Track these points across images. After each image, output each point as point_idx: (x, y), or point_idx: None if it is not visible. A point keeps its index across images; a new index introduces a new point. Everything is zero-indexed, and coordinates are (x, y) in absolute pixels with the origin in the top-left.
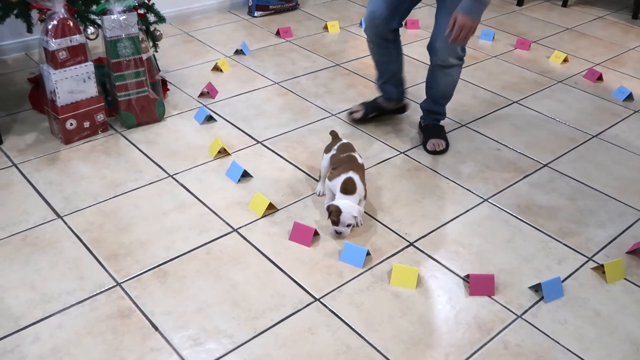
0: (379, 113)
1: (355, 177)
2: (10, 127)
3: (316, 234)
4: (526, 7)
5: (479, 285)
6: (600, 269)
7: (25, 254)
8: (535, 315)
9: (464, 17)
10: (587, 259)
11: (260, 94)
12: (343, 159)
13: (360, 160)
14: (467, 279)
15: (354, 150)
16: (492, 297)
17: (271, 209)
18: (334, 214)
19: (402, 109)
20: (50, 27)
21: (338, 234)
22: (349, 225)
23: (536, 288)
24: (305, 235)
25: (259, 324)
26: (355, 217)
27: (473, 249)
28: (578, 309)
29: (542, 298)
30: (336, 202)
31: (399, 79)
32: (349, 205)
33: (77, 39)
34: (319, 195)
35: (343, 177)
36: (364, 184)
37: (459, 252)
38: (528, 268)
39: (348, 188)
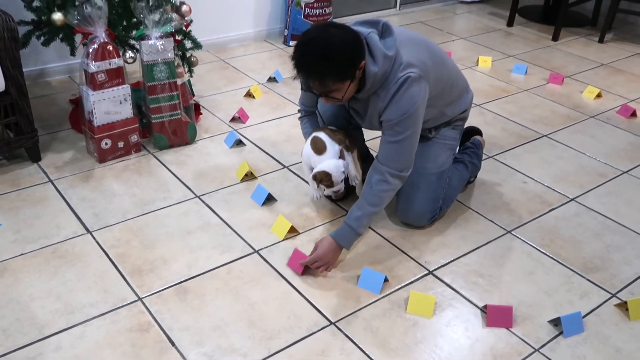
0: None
1: (321, 134)
2: (49, 145)
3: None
4: (562, 42)
5: (497, 316)
6: (623, 305)
7: (54, 266)
8: (554, 350)
9: (331, 243)
10: (610, 295)
11: (290, 120)
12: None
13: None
14: (484, 309)
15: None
16: (510, 329)
17: (293, 232)
18: (325, 180)
19: None
20: (91, 50)
21: (335, 192)
22: (342, 180)
23: (556, 322)
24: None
25: (273, 344)
26: (344, 172)
27: (493, 280)
28: (598, 345)
29: (561, 332)
30: (320, 167)
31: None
32: (333, 165)
33: (116, 62)
34: (315, 199)
35: (309, 139)
36: (343, 138)
37: (479, 282)
38: (549, 302)
39: (318, 147)
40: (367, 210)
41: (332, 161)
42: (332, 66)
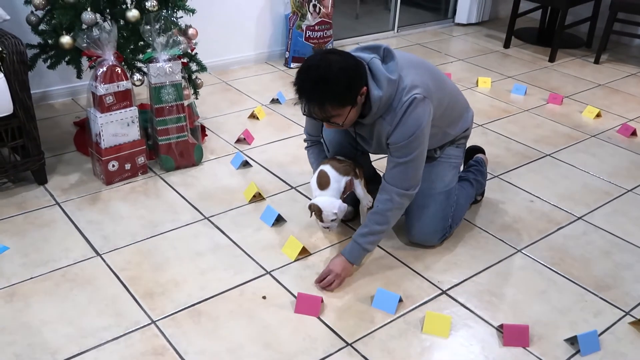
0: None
1: (327, 168)
2: (55, 168)
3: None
4: (558, 63)
5: (513, 335)
6: (637, 323)
7: (65, 289)
8: None
9: (342, 260)
10: (624, 314)
11: (296, 141)
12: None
13: (342, 158)
14: (500, 329)
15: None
16: (527, 348)
17: (304, 253)
18: (316, 213)
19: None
20: (99, 73)
21: (326, 228)
22: (333, 220)
23: (572, 341)
24: (312, 306)
25: None
26: (335, 214)
27: (506, 299)
28: None
29: (578, 351)
30: (315, 201)
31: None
32: (328, 203)
33: (124, 84)
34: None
35: (318, 170)
36: (350, 168)
37: (492, 301)
38: (563, 320)
39: (321, 182)
40: (374, 228)
41: (327, 199)
42: (331, 91)
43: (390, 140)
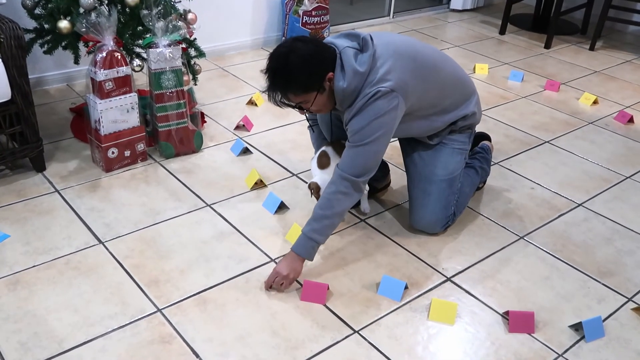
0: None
1: (329, 150)
2: (53, 155)
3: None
4: (554, 50)
5: (519, 322)
6: None
7: (69, 277)
8: (577, 355)
9: (290, 261)
10: (627, 300)
11: (295, 127)
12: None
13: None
14: (506, 315)
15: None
16: (532, 334)
17: None
18: (315, 191)
19: (387, 186)
20: (98, 58)
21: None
22: None
23: (576, 327)
24: (318, 293)
25: (299, 354)
26: None
27: (511, 285)
28: (620, 350)
29: (583, 337)
30: (315, 179)
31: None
32: (326, 181)
33: (124, 70)
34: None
35: (319, 152)
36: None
37: (497, 288)
38: (567, 307)
39: (323, 161)
40: (316, 213)
41: (326, 177)
42: (290, 80)
43: (347, 127)
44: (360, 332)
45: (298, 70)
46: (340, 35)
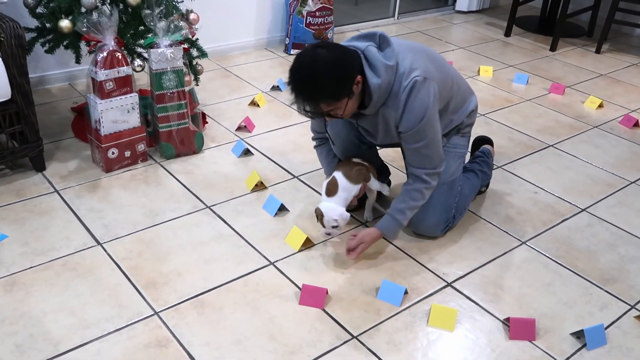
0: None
1: (339, 176)
2: (53, 154)
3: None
4: (559, 53)
5: (520, 329)
6: None
7: (66, 279)
8: None
9: (376, 232)
10: (630, 307)
11: (297, 129)
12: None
13: (358, 160)
14: (507, 322)
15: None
16: (533, 342)
17: (308, 243)
18: (319, 217)
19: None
20: (99, 58)
21: (327, 235)
22: (334, 227)
23: (578, 335)
24: (317, 298)
25: (296, 359)
26: (336, 220)
27: (512, 291)
28: (622, 358)
29: (584, 345)
30: (320, 205)
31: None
32: (330, 209)
33: (125, 70)
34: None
35: (329, 178)
36: (364, 179)
37: (498, 294)
38: (569, 314)
39: (330, 189)
40: (410, 204)
41: (331, 205)
42: (320, 90)
43: (401, 129)
44: (358, 337)
45: (328, 79)
46: (355, 38)
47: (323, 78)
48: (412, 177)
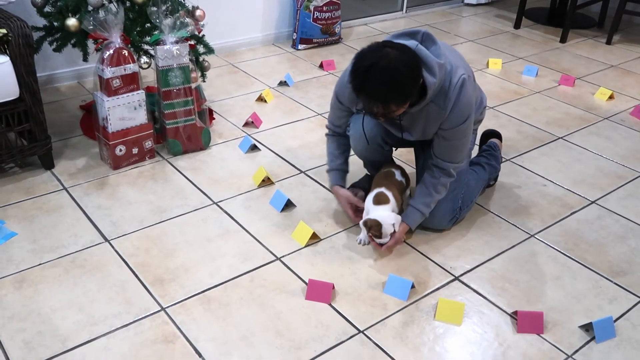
0: None
1: (387, 192)
2: (61, 152)
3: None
4: (569, 44)
5: (528, 322)
6: None
7: (74, 275)
8: (587, 356)
9: (405, 227)
10: (639, 299)
11: (304, 124)
12: (380, 176)
13: (399, 178)
14: (514, 315)
15: (396, 167)
16: (541, 335)
17: (314, 238)
18: (375, 228)
19: None
20: (106, 56)
21: (380, 245)
22: (392, 233)
23: (587, 327)
24: (323, 293)
25: (302, 354)
26: (393, 225)
27: (520, 285)
28: (632, 351)
29: (593, 338)
30: (372, 216)
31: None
32: (386, 216)
33: (131, 67)
34: (360, 244)
35: (375, 192)
36: (400, 200)
37: (506, 287)
38: (578, 307)
39: (381, 199)
40: (435, 197)
41: (387, 212)
42: (398, 91)
43: (444, 126)
44: (365, 332)
45: (405, 81)
46: (396, 36)
47: (402, 79)
48: (437, 170)
